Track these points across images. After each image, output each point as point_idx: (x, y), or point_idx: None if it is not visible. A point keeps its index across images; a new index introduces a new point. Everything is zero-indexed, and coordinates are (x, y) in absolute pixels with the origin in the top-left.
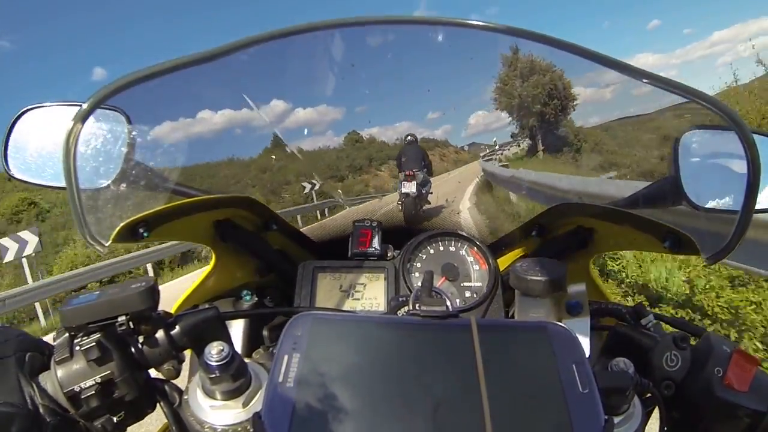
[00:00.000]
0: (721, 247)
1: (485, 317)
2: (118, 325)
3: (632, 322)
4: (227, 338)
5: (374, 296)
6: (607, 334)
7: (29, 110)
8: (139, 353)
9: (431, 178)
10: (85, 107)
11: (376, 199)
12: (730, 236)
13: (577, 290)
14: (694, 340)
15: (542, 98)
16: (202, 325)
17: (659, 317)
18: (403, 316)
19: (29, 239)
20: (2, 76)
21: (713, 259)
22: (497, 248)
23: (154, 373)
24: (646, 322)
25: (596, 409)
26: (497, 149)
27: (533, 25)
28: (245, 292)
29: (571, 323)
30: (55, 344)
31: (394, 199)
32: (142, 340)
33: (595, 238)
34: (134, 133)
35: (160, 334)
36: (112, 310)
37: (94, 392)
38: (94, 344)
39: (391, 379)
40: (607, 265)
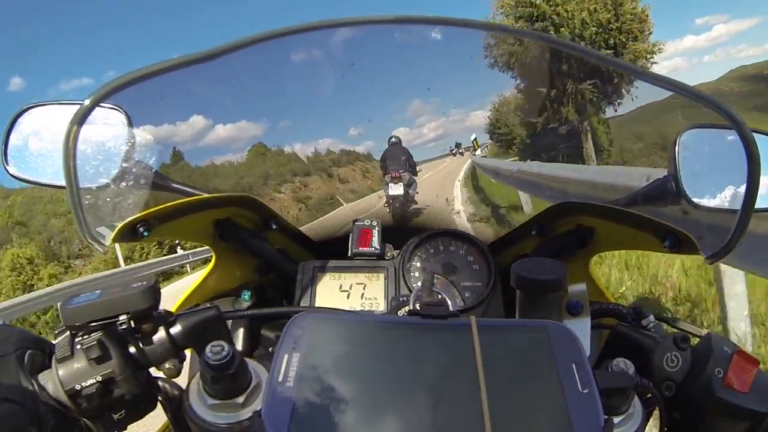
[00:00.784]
0: (720, 246)
1: (485, 317)
2: (119, 323)
3: (632, 322)
4: (228, 337)
5: (374, 296)
6: (607, 334)
7: (29, 109)
8: (140, 352)
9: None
10: (85, 106)
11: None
12: (729, 235)
13: (577, 290)
14: (694, 340)
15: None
16: (202, 324)
17: (659, 317)
18: (403, 315)
19: None
20: None
21: (713, 258)
22: (497, 247)
23: (155, 372)
24: (646, 322)
25: (596, 409)
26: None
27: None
28: (245, 291)
29: (571, 323)
30: (56, 343)
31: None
32: (143, 339)
33: (595, 237)
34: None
35: (161, 333)
36: (113, 308)
37: (94, 391)
38: (95, 343)
39: (390, 378)
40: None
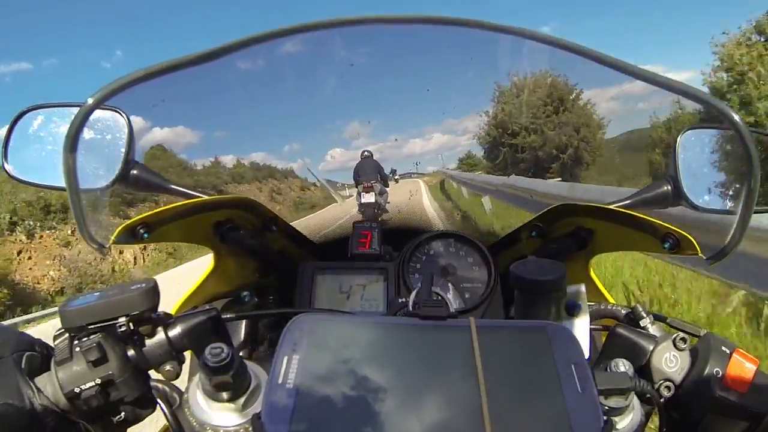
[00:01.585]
0: (720, 247)
1: (485, 318)
2: (118, 326)
3: (631, 322)
4: (227, 339)
5: (374, 297)
6: (606, 334)
7: (29, 111)
8: (139, 354)
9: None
10: (85, 107)
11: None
12: (729, 236)
13: (575, 291)
14: (693, 340)
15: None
16: (201, 326)
17: (658, 318)
18: (402, 317)
19: None
20: None
21: (713, 259)
22: (497, 249)
23: (154, 374)
24: (644, 323)
25: (596, 410)
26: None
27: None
28: (245, 293)
29: (569, 324)
30: (54, 345)
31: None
32: (142, 341)
33: (594, 238)
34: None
35: (160, 335)
36: (112, 311)
37: (94, 393)
38: (94, 345)
39: (390, 379)
40: None
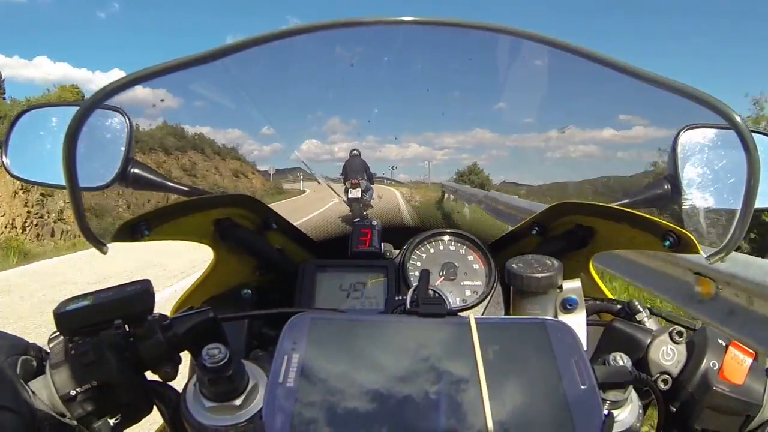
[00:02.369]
0: (720, 245)
1: (485, 315)
2: (113, 328)
3: (627, 317)
4: (224, 340)
5: (374, 295)
6: (603, 329)
7: (30, 110)
8: (135, 356)
9: (373, 186)
10: (84, 106)
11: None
12: (729, 235)
13: (572, 287)
14: (689, 333)
15: None
16: (198, 327)
17: (654, 311)
18: (401, 314)
19: None
20: None
21: (713, 257)
22: (497, 247)
23: (150, 375)
24: (640, 317)
25: (596, 405)
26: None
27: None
28: (245, 291)
29: (566, 319)
30: (49, 348)
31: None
32: (138, 342)
33: (594, 236)
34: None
35: (156, 336)
36: (107, 313)
37: (90, 396)
38: (89, 348)
39: (390, 378)
40: None
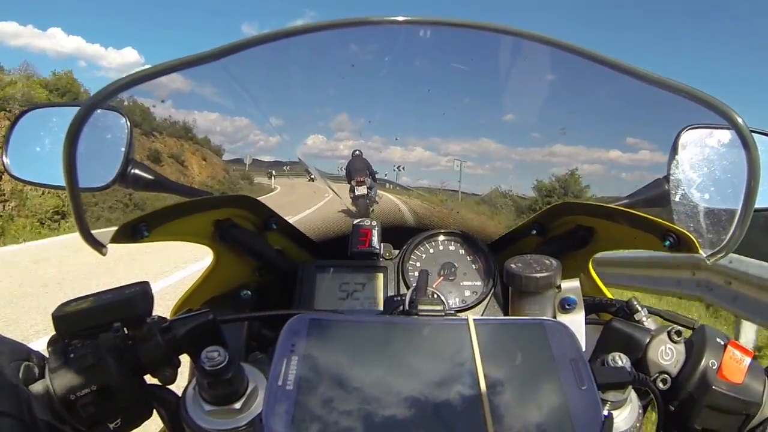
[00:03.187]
0: (720, 245)
1: (485, 316)
2: (112, 331)
3: (626, 316)
4: (223, 342)
5: (373, 296)
6: (602, 329)
7: (30, 111)
8: (134, 359)
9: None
10: (84, 108)
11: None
12: (729, 235)
13: (571, 286)
14: (687, 332)
15: None
16: (197, 330)
17: (652, 311)
18: (400, 315)
19: None
20: None
21: (713, 257)
22: (497, 247)
23: (150, 379)
24: (639, 316)
25: (596, 405)
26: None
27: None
28: (245, 291)
29: (564, 319)
30: (48, 352)
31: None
32: (137, 345)
33: (594, 236)
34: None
35: (155, 339)
36: (106, 315)
37: (89, 400)
38: (88, 351)
39: (390, 379)
40: None
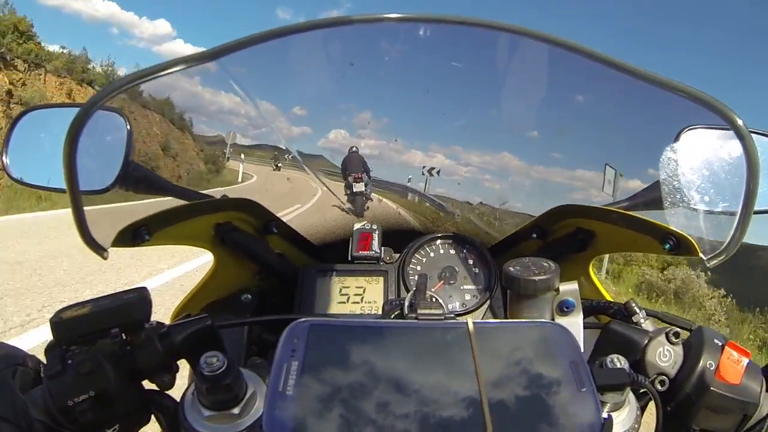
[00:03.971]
0: (720, 248)
1: (484, 319)
2: (110, 336)
3: (624, 318)
4: (222, 348)
5: (374, 300)
6: (600, 331)
7: (29, 112)
8: (132, 365)
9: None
10: (84, 109)
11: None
12: (729, 237)
13: (569, 289)
14: (685, 334)
15: None
16: (195, 335)
17: (650, 313)
18: (400, 320)
19: None
20: None
21: (713, 260)
22: (498, 251)
23: (148, 384)
24: (637, 318)
25: (595, 407)
26: None
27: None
28: (245, 295)
29: (563, 322)
30: (45, 358)
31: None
32: (135, 351)
33: (594, 239)
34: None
35: (153, 345)
36: (103, 321)
37: (87, 406)
38: (86, 357)
39: (390, 383)
40: None
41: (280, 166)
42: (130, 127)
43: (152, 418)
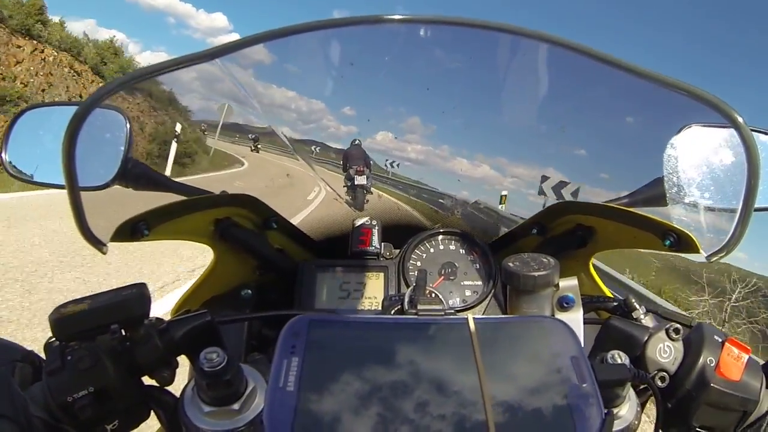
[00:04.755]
0: (720, 245)
1: (484, 315)
2: (110, 332)
3: (624, 314)
4: (222, 343)
5: (374, 295)
6: (600, 327)
7: (29, 109)
8: (131, 361)
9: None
10: (83, 107)
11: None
12: (729, 234)
13: (569, 285)
14: (685, 330)
15: None
16: (194, 331)
17: (650, 309)
18: (400, 315)
19: None
20: None
21: (713, 257)
22: (497, 246)
23: (147, 380)
24: (636, 314)
25: (597, 403)
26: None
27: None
28: (245, 291)
29: (563, 318)
30: (45, 354)
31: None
32: (134, 347)
33: (595, 236)
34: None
35: (152, 341)
36: (103, 317)
37: (87, 402)
38: (85, 354)
39: (391, 379)
40: None
41: (259, 147)
42: (129, 124)
43: (152, 414)
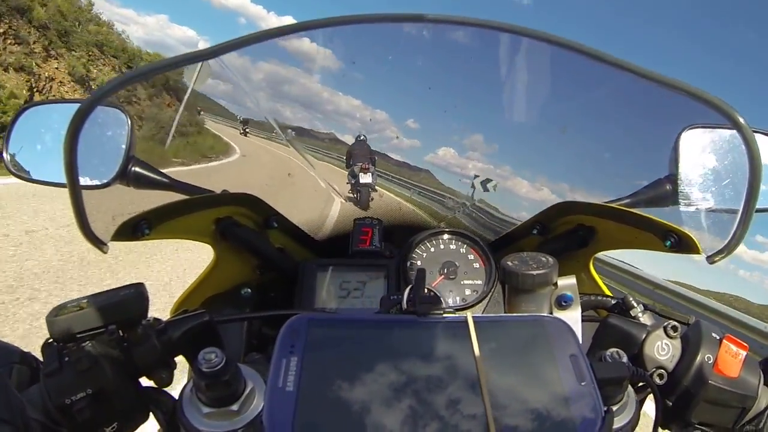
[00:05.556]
0: (721, 246)
1: (483, 314)
2: (107, 333)
3: (622, 312)
4: (220, 343)
5: (374, 294)
6: (598, 325)
7: (31, 107)
8: (129, 362)
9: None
10: (85, 104)
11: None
12: (730, 235)
13: (567, 283)
14: (683, 328)
15: None
16: (192, 331)
17: (648, 307)
18: (399, 315)
19: None
20: None
21: (714, 258)
22: (498, 246)
23: (146, 381)
24: (635, 312)
25: (596, 401)
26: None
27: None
28: (245, 290)
29: (562, 316)
30: (42, 356)
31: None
32: (132, 348)
33: (595, 236)
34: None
35: (150, 341)
36: (101, 318)
37: (85, 404)
38: (83, 355)
39: (390, 378)
40: None
41: (247, 130)
42: (131, 123)
43: (150, 415)
